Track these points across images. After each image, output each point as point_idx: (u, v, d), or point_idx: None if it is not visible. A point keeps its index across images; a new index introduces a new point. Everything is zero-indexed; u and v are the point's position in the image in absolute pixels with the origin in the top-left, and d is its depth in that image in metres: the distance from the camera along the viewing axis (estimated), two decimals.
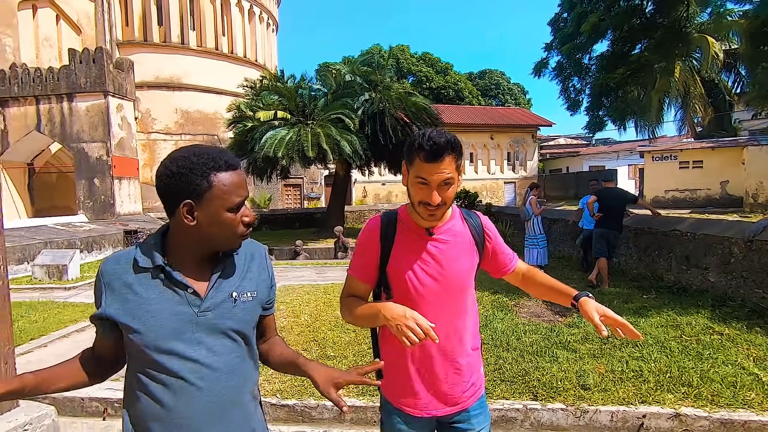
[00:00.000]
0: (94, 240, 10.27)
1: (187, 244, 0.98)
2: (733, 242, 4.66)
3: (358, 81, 12.56)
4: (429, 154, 1.14)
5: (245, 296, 1.02)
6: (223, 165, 0.94)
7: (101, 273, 0.98)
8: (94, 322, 0.99)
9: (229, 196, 0.94)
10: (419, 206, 1.21)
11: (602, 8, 7.63)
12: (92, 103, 13.15)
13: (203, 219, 0.94)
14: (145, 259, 0.96)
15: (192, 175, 0.92)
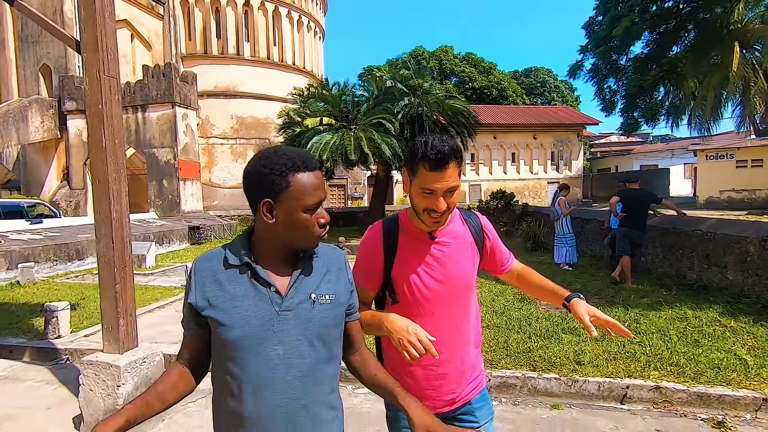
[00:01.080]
0: (164, 234, 11.65)
1: (269, 242, 1.01)
2: (749, 241, 4.85)
3: (398, 86, 13.18)
4: (434, 164, 1.15)
5: (323, 298, 1.03)
6: (301, 166, 0.96)
7: (195, 269, 1.02)
8: (186, 317, 1.02)
9: (306, 196, 0.96)
10: (424, 213, 1.22)
11: (636, 12, 7.70)
12: (162, 113, 14.77)
13: (281, 217, 0.97)
14: (234, 256, 1.00)
15: (272, 174, 0.95)
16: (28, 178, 16.31)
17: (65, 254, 8.62)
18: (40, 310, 5.46)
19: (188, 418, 3.00)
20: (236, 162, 20.84)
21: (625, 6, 8.02)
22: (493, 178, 23.61)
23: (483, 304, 5.24)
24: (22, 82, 15.82)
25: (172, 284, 7.24)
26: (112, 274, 2.81)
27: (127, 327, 2.86)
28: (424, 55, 34.68)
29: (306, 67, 23.95)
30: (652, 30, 7.83)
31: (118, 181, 2.82)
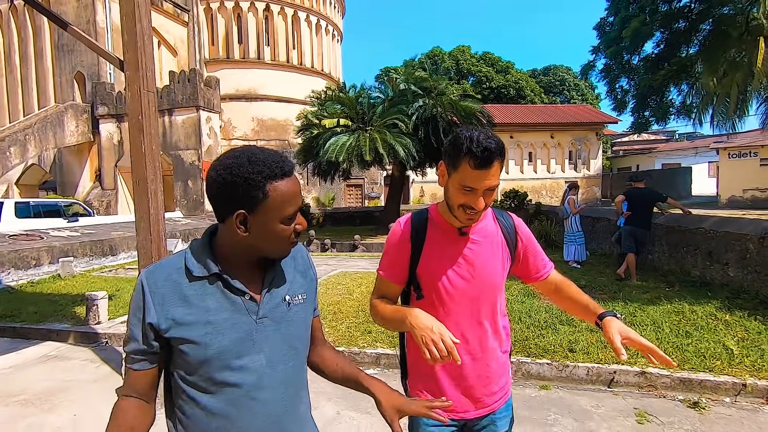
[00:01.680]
0: (189, 232, 12.27)
1: (238, 251, 0.94)
2: (748, 239, 4.97)
3: (412, 88, 13.47)
4: (480, 162, 1.09)
5: (297, 299, 1.01)
6: (278, 173, 0.88)
7: (148, 285, 0.90)
8: (140, 341, 0.89)
9: (285, 206, 0.90)
10: (459, 209, 1.17)
11: (647, 12, 7.79)
12: (187, 116, 15.46)
13: (256, 229, 0.90)
14: (199, 267, 0.91)
15: (246, 185, 0.86)
16: (64, 179, 17.28)
17: (100, 250, 9.25)
18: (80, 300, 6.00)
19: None
20: None
21: (636, 7, 8.13)
22: (509, 177, 23.63)
23: None
24: (58, 89, 16.78)
25: None
26: (149, 263, 3.22)
27: None
28: (440, 55, 34.82)
29: (324, 70, 24.49)
30: (662, 30, 7.90)
31: (155, 182, 3.23)
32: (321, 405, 3.12)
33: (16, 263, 7.51)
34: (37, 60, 17.18)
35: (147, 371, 0.92)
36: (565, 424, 2.82)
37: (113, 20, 16.54)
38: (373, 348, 4.07)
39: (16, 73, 17.39)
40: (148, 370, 0.92)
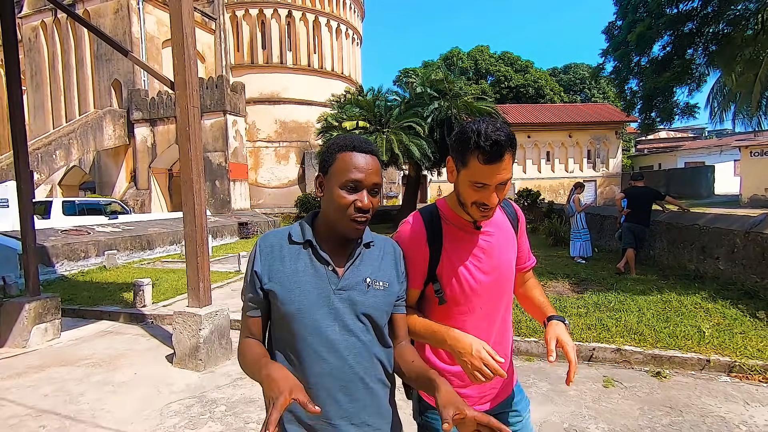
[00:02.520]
0: (217, 229, 13.11)
1: (326, 223, 1.04)
2: (736, 234, 5.30)
3: (428, 91, 13.97)
4: (490, 157, 1.05)
5: (378, 284, 1.06)
6: (350, 146, 1.00)
7: (261, 243, 1.05)
8: (248, 287, 1.04)
9: (344, 172, 0.98)
10: (472, 207, 1.13)
11: (652, 16, 8.05)
12: (214, 120, 16.37)
13: (326, 193, 1.02)
14: (298, 234, 1.04)
15: (327, 152, 1.03)
16: (102, 179, 18.50)
17: (139, 244, 10.12)
18: (125, 287, 6.78)
19: None
20: (279, 164, 22.39)
21: (643, 11, 8.40)
22: (527, 176, 23.78)
23: None
24: (97, 95, 17.98)
25: (227, 269, 8.45)
26: (194, 250, 3.86)
27: (204, 288, 3.91)
28: (459, 55, 35.07)
29: (344, 73, 25.17)
30: (669, 33, 8.15)
31: (198, 181, 3.87)
32: None
33: (69, 255, 8.39)
34: (78, 68, 18.44)
35: (256, 319, 1.06)
36: (540, 386, 3.31)
37: (147, 31, 17.62)
38: None
39: (59, 81, 18.70)
40: (257, 318, 1.06)
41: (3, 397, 3.28)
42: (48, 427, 2.85)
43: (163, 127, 17.04)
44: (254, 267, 1.03)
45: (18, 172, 4.59)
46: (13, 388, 3.46)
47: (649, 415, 2.82)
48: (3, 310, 4.59)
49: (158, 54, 18.41)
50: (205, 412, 3.02)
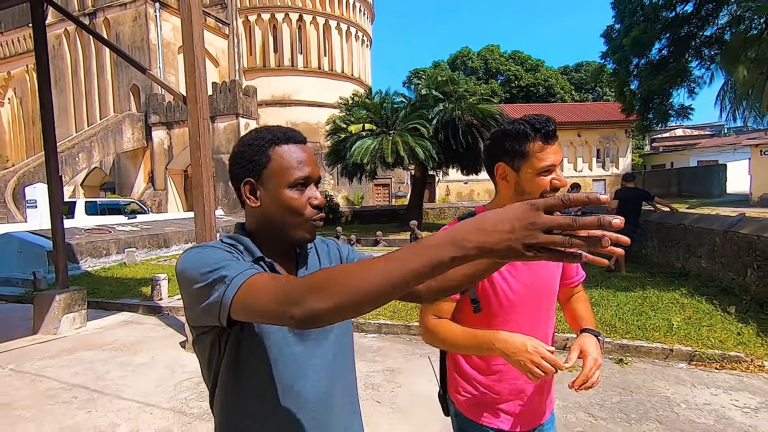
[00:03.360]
0: (230, 228, 13.69)
1: (264, 233, 0.88)
2: (716, 233, 5.54)
3: (433, 93, 14.28)
4: (550, 133, 1.07)
5: None
6: (282, 138, 0.85)
7: (220, 250, 0.79)
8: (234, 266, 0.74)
9: (289, 170, 0.84)
10: (549, 193, 1.08)
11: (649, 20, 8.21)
12: (227, 123, 16.98)
13: (265, 199, 0.85)
14: (248, 249, 0.86)
15: (251, 151, 0.85)
16: (121, 180, 19.30)
17: (156, 243, 10.71)
18: (144, 282, 7.31)
19: None
20: None
21: (640, 15, 8.57)
22: None
23: None
24: (117, 100, 18.78)
25: None
26: None
27: None
28: (469, 55, 35.20)
29: (354, 74, 25.62)
30: (666, 37, 8.31)
31: (208, 186, 4.32)
32: None
33: (92, 252, 9.00)
34: (99, 74, 19.27)
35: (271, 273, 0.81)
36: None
37: (164, 37, 18.33)
38: (375, 319, 5.01)
39: (81, 87, 19.56)
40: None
41: (40, 374, 3.78)
42: (79, 398, 3.32)
43: (179, 130, 17.72)
44: (231, 255, 0.79)
45: (49, 177, 5.11)
46: (48, 367, 3.96)
47: (602, 394, 3.15)
48: (36, 301, 5.13)
49: (174, 59, 19.11)
50: None
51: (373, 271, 0.59)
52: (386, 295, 0.60)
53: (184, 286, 0.77)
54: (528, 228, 0.52)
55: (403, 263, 0.58)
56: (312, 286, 0.62)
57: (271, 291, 0.66)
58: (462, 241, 0.55)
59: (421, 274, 0.57)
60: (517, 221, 0.53)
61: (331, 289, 0.60)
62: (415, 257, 0.58)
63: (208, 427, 2.90)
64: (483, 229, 0.54)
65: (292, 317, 0.62)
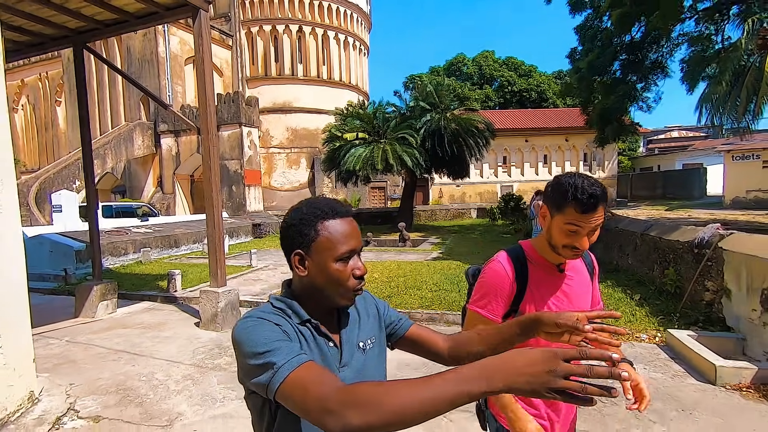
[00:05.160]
0: (233, 230, 14.86)
1: (310, 297, 0.97)
2: (636, 235, 6.66)
3: (420, 104, 15.42)
4: (588, 208, 1.16)
5: (368, 343, 1.03)
6: (330, 213, 0.94)
7: (267, 318, 0.88)
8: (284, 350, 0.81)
9: (336, 245, 0.92)
10: (564, 249, 1.23)
11: (603, 46, 9.29)
12: (231, 131, 18.19)
13: (313, 269, 0.93)
14: (296, 312, 0.94)
15: (301, 225, 0.93)
16: (131, 184, 20.56)
17: (167, 243, 11.90)
18: (160, 278, 8.48)
19: None
20: (291, 168, 24.15)
21: (598, 40, 9.64)
22: (524, 179, 24.98)
23: (441, 273, 7.43)
24: (128, 110, 20.03)
25: (241, 264, 10.11)
26: (214, 245, 5.47)
27: (221, 273, 5.52)
28: (464, 61, 36.29)
29: (351, 82, 26.78)
30: (619, 60, 9.37)
31: (217, 198, 5.47)
32: None
33: (112, 252, 10.19)
34: (110, 85, 20.53)
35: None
36: None
37: (171, 50, 19.56)
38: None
39: (94, 97, 20.81)
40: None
41: (91, 344, 4.96)
42: (123, 358, 4.49)
43: (186, 137, 18.95)
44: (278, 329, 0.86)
45: (88, 191, 6.31)
46: (95, 339, 5.14)
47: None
48: (78, 290, 6.31)
49: (181, 70, 20.34)
50: (221, 352, 4.63)
51: (410, 395, 0.66)
52: (417, 420, 0.66)
53: (238, 354, 0.84)
54: (550, 374, 0.62)
55: (438, 392, 0.66)
56: (351, 401, 0.68)
57: (312, 395, 0.72)
58: (492, 380, 0.64)
59: (452, 404, 0.66)
60: (540, 367, 0.63)
61: (369, 407, 0.67)
62: (450, 386, 0.66)
63: (218, 374, 4.05)
64: (511, 371, 0.64)
65: (327, 427, 0.68)
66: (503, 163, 25.72)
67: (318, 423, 0.71)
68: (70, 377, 3.99)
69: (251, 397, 0.92)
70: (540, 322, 0.94)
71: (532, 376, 0.64)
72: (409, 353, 1.12)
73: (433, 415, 0.67)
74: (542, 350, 0.65)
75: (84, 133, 6.37)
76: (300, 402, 0.74)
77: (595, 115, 10.32)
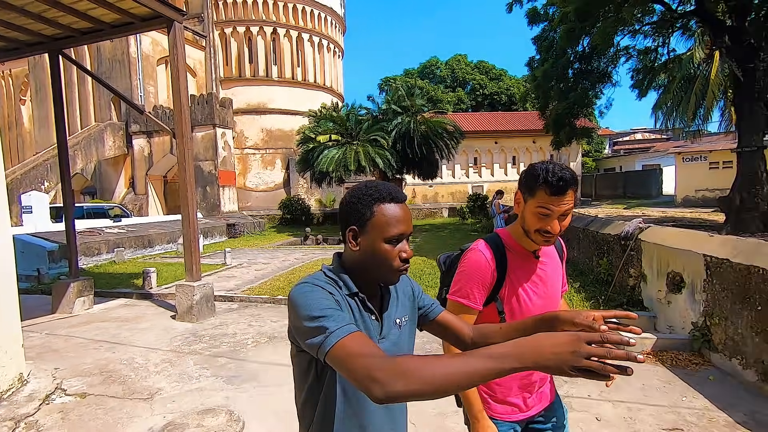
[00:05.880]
0: (208, 230, 15.04)
1: (358, 273, 1.05)
2: (579, 230, 7.38)
3: (392, 108, 15.98)
4: (557, 190, 1.22)
5: (403, 320, 1.11)
6: (387, 197, 1.01)
7: (320, 285, 0.97)
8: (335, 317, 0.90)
9: (388, 227, 0.99)
10: (535, 233, 1.30)
11: (557, 56, 10.05)
12: (205, 132, 18.28)
13: (364, 246, 1.01)
14: (345, 284, 1.03)
15: (359, 204, 1.01)
16: (102, 185, 20.31)
17: (141, 243, 12.03)
18: (135, 276, 8.71)
19: None
20: (266, 169, 24.30)
21: (553, 51, 10.41)
22: (494, 179, 25.92)
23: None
24: (98, 110, 19.79)
25: (215, 263, 10.40)
26: (189, 243, 5.84)
27: (196, 269, 5.89)
28: (437, 64, 37.13)
29: (326, 84, 27.11)
30: (572, 69, 10.17)
31: (192, 198, 5.84)
32: None
33: (85, 252, 10.30)
34: (79, 84, 20.23)
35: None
36: None
37: (143, 51, 19.47)
38: None
39: (63, 96, 20.44)
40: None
41: (71, 335, 5.25)
42: (104, 346, 4.83)
43: (159, 138, 18.90)
44: (331, 297, 0.96)
45: (65, 194, 6.54)
46: (74, 332, 5.43)
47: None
48: (54, 287, 6.54)
49: (153, 71, 20.26)
50: (196, 339, 5.02)
51: (448, 367, 0.75)
52: (451, 390, 0.75)
53: (294, 315, 0.94)
54: (573, 354, 0.70)
55: (475, 367, 0.74)
56: (398, 371, 0.76)
57: (359, 362, 0.80)
58: (523, 357, 0.73)
59: (485, 377, 0.75)
60: (565, 348, 0.71)
61: (414, 377, 0.75)
62: (485, 362, 0.75)
63: (194, 357, 4.46)
64: (539, 350, 0.73)
65: (374, 394, 0.76)
66: (474, 164, 26.58)
67: (363, 387, 0.78)
68: (54, 363, 4.32)
69: (299, 355, 1.02)
70: (558, 321, 1.02)
71: (558, 355, 0.71)
72: (435, 336, 1.23)
73: (466, 386, 0.76)
74: (568, 333, 0.74)
75: (60, 137, 6.61)
76: (348, 366, 0.81)
77: (551, 120, 11.09)
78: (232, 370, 4.10)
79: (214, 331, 5.37)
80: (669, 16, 9.61)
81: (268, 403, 3.42)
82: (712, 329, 3.90)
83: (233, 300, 6.97)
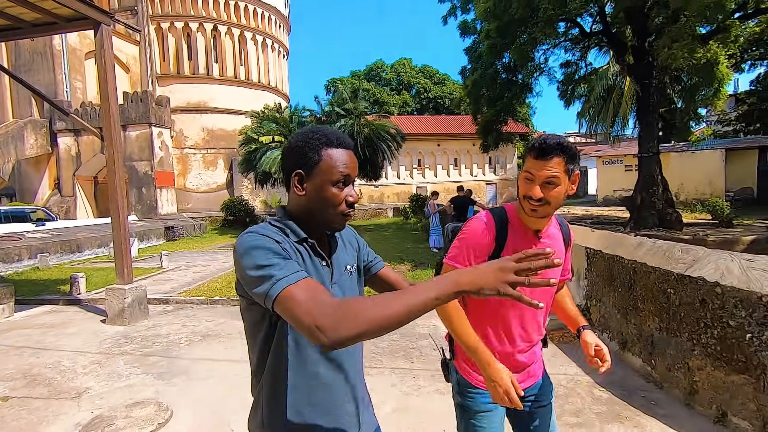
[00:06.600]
0: (144, 233, 14.50)
1: (305, 219, 1.04)
2: None
3: (335, 110, 16.25)
4: (539, 153, 1.28)
5: (353, 268, 1.15)
6: (335, 142, 1.02)
7: (266, 234, 0.95)
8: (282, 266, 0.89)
9: (335, 170, 1.00)
10: (524, 200, 1.34)
11: (485, 67, 10.90)
12: (140, 132, 17.52)
13: (310, 190, 1.02)
14: (293, 231, 1.02)
15: (307, 148, 1.01)
16: (22, 186, 18.81)
17: (68, 248, 11.43)
18: (61, 282, 8.37)
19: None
20: (208, 170, 23.62)
21: (482, 62, 11.26)
22: (438, 180, 26.94)
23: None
24: (16, 106, 18.31)
25: (151, 266, 10.17)
26: (120, 245, 5.82)
27: (127, 272, 5.88)
28: (383, 67, 37.83)
29: (270, 84, 26.80)
30: (497, 79, 11.07)
31: (122, 200, 5.81)
32: None
33: (3, 258, 9.66)
34: None
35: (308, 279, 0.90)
36: None
37: (69, 44, 18.28)
38: None
39: None
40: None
41: None
42: (27, 352, 4.75)
43: (88, 137, 17.84)
44: (278, 246, 0.93)
45: None
46: None
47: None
48: None
49: (81, 65, 19.08)
50: (128, 341, 5.07)
51: (393, 303, 0.77)
52: (397, 325, 0.77)
53: (240, 266, 0.92)
54: (506, 272, 0.79)
55: (416, 297, 0.78)
56: (343, 315, 0.76)
57: (306, 309, 0.79)
58: (459, 281, 0.79)
59: (426, 305, 0.78)
60: (499, 268, 0.80)
61: (357, 320, 0.75)
62: (426, 290, 0.79)
63: (125, 358, 4.54)
64: (474, 273, 0.80)
65: (321, 342, 0.76)
66: (418, 165, 27.48)
67: (309, 335, 0.78)
68: None
69: (250, 308, 1.00)
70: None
71: (490, 274, 0.80)
72: (375, 291, 1.25)
73: (408, 319, 0.78)
74: (500, 258, 0.85)
75: None
76: (295, 313, 0.81)
77: (480, 125, 11.94)
78: (164, 367, 4.25)
79: (146, 332, 5.43)
80: (580, 36, 10.74)
81: (197, 393, 3.64)
82: (591, 309, 4.62)
83: (168, 302, 6.97)
